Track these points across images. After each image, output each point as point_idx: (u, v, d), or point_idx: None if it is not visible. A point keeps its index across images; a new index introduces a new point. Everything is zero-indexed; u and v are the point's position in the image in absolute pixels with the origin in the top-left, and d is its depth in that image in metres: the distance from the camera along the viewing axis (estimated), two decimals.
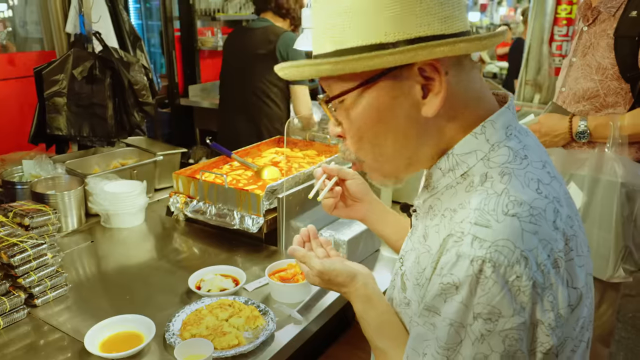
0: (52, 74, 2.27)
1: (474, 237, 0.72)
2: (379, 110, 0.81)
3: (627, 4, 1.90)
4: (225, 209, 1.93)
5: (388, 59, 0.74)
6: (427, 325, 0.77)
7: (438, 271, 0.75)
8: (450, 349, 0.74)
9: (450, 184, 0.84)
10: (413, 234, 0.95)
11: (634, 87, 1.91)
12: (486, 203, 0.75)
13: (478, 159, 0.81)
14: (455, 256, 0.73)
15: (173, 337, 1.34)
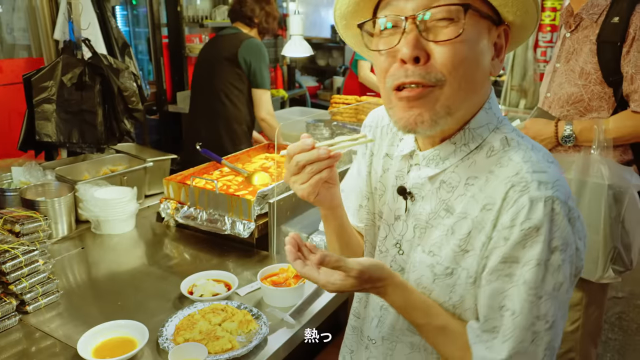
0: (41, 81, 2.27)
1: (538, 182, 0.83)
2: (480, 45, 0.86)
3: (609, 10, 1.95)
4: (217, 215, 1.93)
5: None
6: (502, 278, 0.85)
7: (506, 224, 0.83)
8: (537, 287, 0.82)
9: (464, 156, 0.92)
10: (411, 216, 0.99)
11: (617, 91, 1.95)
12: (530, 155, 0.87)
13: (490, 131, 0.92)
14: (528, 202, 0.82)
15: (166, 342, 1.34)
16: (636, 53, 1.88)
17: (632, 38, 1.88)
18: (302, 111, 4.15)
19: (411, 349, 1.03)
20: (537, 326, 0.84)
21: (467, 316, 0.94)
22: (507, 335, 0.85)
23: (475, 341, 0.90)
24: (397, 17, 0.85)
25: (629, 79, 1.90)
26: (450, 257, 0.92)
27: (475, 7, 0.84)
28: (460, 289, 0.92)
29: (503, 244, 0.84)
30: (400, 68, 0.85)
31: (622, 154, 2.03)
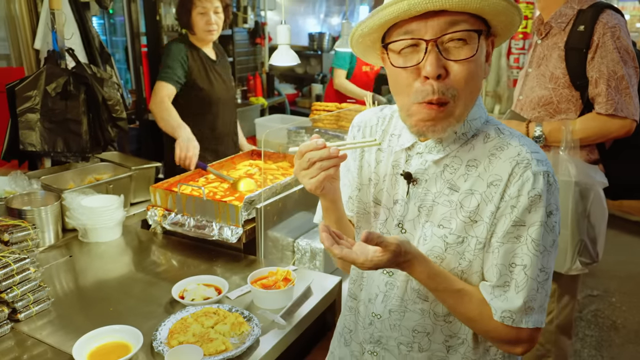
0: (25, 90, 2.27)
1: (537, 160, 1.02)
2: (483, 55, 1.03)
3: (575, 19, 2.07)
4: (204, 221, 1.96)
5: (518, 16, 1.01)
6: (512, 240, 1.02)
7: (514, 194, 1.01)
8: (540, 244, 1.01)
9: (464, 143, 1.08)
10: (414, 198, 1.12)
11: (583, 94, 2.08)
12: (524, 141, 1.06)
13: (481, 123, 1.10)
14: (532, 175, 1.00)
15: (161, 346, 1.37)
16: (600, 59, 2.00)
17: (597, 45, 2.01)
18: (283, 118, 4.19)
19: (421, 315, 1.15)
20: (540, 277, 1.03)
21: (473, 279, 1.09)
22: (520, 286, 1.03)
23: (491, 297, 1.06)
24: (418, 40, 0.99)
25: (594, 83, 2.03)
26: (461, 227, 1.07)
27: (483, 29, 1.00)
28: (470, 254, 1.07)
29: (510, 211, 1.02)
30: (425, 84, 0.99)
31: (589, 154, 2.15)
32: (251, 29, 5.97)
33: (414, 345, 1.16)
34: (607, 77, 1.99)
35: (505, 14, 0.99)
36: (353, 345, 1.29)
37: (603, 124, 2.04)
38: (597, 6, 2.05)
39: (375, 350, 1.23)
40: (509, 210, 1.02)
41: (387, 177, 1.19)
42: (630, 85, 2.00)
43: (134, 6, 4.52)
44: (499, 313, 1.04)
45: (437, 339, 1.15)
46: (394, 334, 1.18)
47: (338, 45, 3.56)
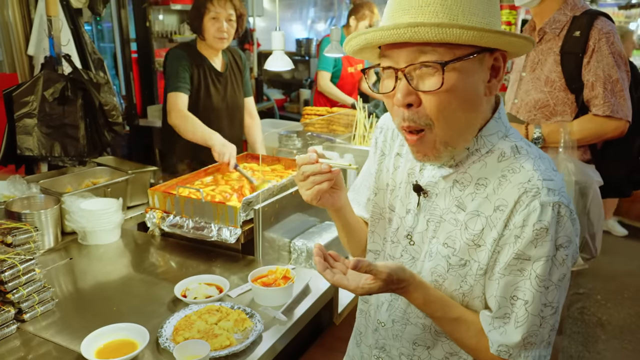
0: (23, 96, 2.30)
1: (547, 189, 0.95)
2: (469, 82, 0.95)
3: (570, 25, 2.16)
4: (203, 222, 2.00)
5: (502, 39, 0.92)
6: (514, 272, 0.98)
7: (518, 223, 0.96)
8: (546, 280, 0.96)
9: (477, 159, 1.03)
10: (424, 211, 1.11)
11: (578, 97, 2.17)
12: (539, 165, 0.99)
13: (499, 138, 1.04)
14: (539, 206, 0.94)
15: (167, 342, 1.41)
16: (595, 63, 2.09)
17: (592, 50, 2.10)
18: (274, 123, 4.23)
19: (422, 330, 1.14)
20: (544, 312, 0.98)
21: (474, 304, 1.07)
22: (520, 322, 0.99)
23: (490, 328, 1.03)
24: (390, 69, 0.97)
25: (590, 86, 2.11)
26: (464, 249, 1.04)
27: (459, 56, 0.92)
28: (471, 279, 1.04)
29: (514, 241, 0.97)
30: (398, 109, 0.98)
31: (583, 154, 2.24)
32: (240, 35, 6.01)
33: (414, 357, 1.17)
34: (603, 80, 2.08)
35: (480, 41, 0.91)
36: (363, 347, 1.32)
37: (600, 125, 2.12)
38: (590, 13, 2.14)
39: (380, 356, 1.25)
40: (512, 240, 0.97)
41: (402, 184, 1.17)
42: (624, 88, 2.10)
43: (123, 12, 4.56)
44: (495, 346, 1.02)
45: (437, 354, 1.15)
46: (396, 343, 1.20)
47: (327, 50, 3.62)
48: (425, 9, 0.91)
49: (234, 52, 3.01)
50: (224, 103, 2.88)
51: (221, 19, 2.67)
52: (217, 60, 2.87)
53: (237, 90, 2.98)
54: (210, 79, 2.81)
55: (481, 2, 0.93)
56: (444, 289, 1.07)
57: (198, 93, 2.77)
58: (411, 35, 0.89)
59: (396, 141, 1.22)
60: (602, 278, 4.07)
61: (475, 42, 0.90)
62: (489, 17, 0.94)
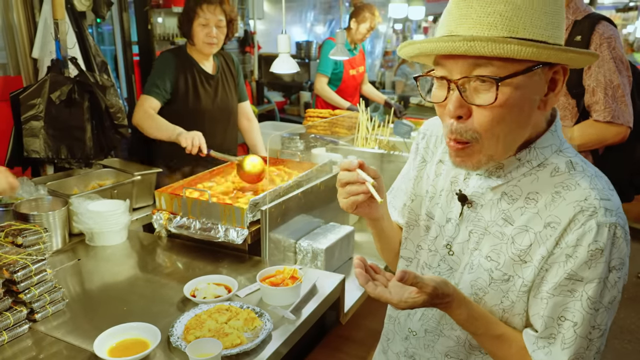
0: (29, 98, 2.31)
1: (605, 209, 0.93)
2: (524, 97, 0.92)
3: (571, 30, 2.17)
4: (210, 223, 2.02)
5: (564, 56, 0.90)
6: (565, 292, 0.96)
7: (571, 242, 0.93)
8: (597, 302, 0.94)
9: (527, 172, 1.01)
10: (467, 221, 1.09)
11: (579, 102, 2.17)
12: (596, 183, 0.97)
13: (553, 152, 1.01)
14: (595, 226, 0.92)
15: (179, 341, 1.42)
16: (597, 68, 2.09)
17: None
18: (275, 125, 4.27)
19: (456, 343, 1.13)
20: (592, 334, 0.96)
21: (514, 321, 1.05)
22: (567, 343, 0.97)
23: (534, 348, 1.01)
24: (444, 79, 0.95)
25: (591, 92, 2.11)
26: (509, 264, 1.01)
27: (515, 71, 0.89)
28: (513, 295, 1.02)
29: (565, 260, 0.95)
30: (448, 119, 0.97)
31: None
32: (240, 38, 6.05)
33: None
34: (605, 85, 2.07)
35: (539, 56, 0.87)
36: (389, 355, 1.30)
37: (601, 131, 2.12)
38: (592, 17, 2.13)
39: None
40: (563, 259, 0.95)
41: (443, 192, 1.15)
42: (625, 94, 2.09)
43: (125, 15, 4.57)
44: None
45: None
46: (427, 354, 1.18)
47: (333, 53, 3.65)
48: (484, 20, 0.89)
49: (227, 56, 3.02)
50: (214, 105, 2.88)
51: (210, 25, 2.68)
52: (208, 63, 2.87)
53: (230, 93, 2.97)
54: (199, 81, 2.80)
55: (545, 13, 0.89)
56: (484, 303, 1.05)
57: (187, 96, 2.77)
58: (466, 49, 0.87)
59: (439, 148, 1.21)
60: None
61: (534, 57, 0.88)
62: (552, 29, 0.90)
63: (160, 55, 2.83)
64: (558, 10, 0.92)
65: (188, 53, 2.82)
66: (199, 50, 2.78)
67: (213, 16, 2.67)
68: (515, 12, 0.87)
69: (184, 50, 2.83)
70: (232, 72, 3.01)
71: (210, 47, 2.74)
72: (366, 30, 4.29)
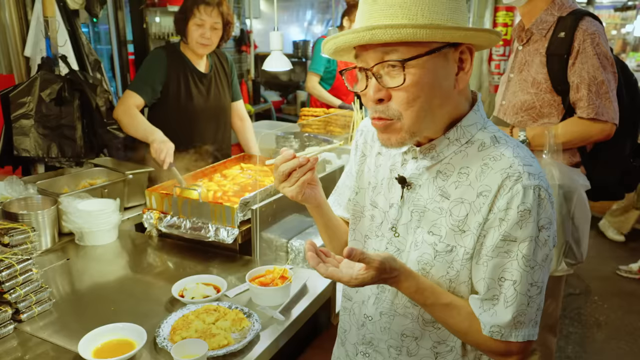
0: (19, 97, 2.29)
1: (528, 173, 1.01)
2: (434, 76, 1.01)
3: (556, 26, 2.15)
4: (200, 222, 2.00)
5: (457, 34, 0.98)
6: (502, 254, 1.03)
7: (502, 206, 1.01)
8: (531, 260, 1.02)
9: (457, 150, 1.08)
10: (407, 202, 1.14)
11: (565, 99, 2.15)
12: (518, 152, 1.04)
13: (478, 129, 1.09)
14: (522, 189, 1.00)
15: (165, 342, 1.41)
16: (580, 65, 2.07)
17: (577, 51, 2.08)
18: (271, 124, 4.25)
19: (410, 320, 1.16)
20: (531, 291, 1.03)
21: (461, 290, 1.10)
22: (509, 302, 1.03)
23: (480, 311, 1.07)
24: (362, 69, 1.04)
25: (575, 88, 2.10)
26: (450, 236, 1.08)
27: (419, 53, 0.98)
28: (457, 264, 1.08)
29: (498, 224, 1.02)
30: (371, 104, 1.05)
31: (571, 157, 2.22)
32: (237, 37, 6.03)
33: (403, 349, 1.19)
34: (588, 82, 2.05)
35: (436, 37, 0.96)
36: (347, 345, 1.32)
37: (585, 128, 2.10)
38: (576, 13, 2.12)
39: (367, 352, 1.26)
40: (497, 223, 1.02)
41: (384, 180, 1.21)
42: (610, 90, 2.06)
43: (120, 14, 4.56)
44: (487, 327, 1.06)
45: (425, 344, 1.17)
46: (384, 336, 1.21)
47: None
48: (386, 12, 0.98)
49: (220, 54, 2.98)
50: (207, 104, 2.84)
51: (206, 26, 2.65)
52: (201, 62, 2.84)
53: (222, 92, 2.94)
54: (191, 80, 2.77)
55: (441, 1, 0.98)
56: (431, 276, 1.11)
57: (178, 94, 2.74)
58: (370, 37, 0.96)
59: (377, 142, 1.24)
60: (599, 279, 4.08)
61: (432, 38, 0.96)
62: (450, 13, 0.99)
63: (152, 51, 2.79)
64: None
65: (181, 51, 2.79)
66: (192, 49, 2.75)
67: (209, 18, 2.65)
68: (413, 1, 0.97)
69: (177, 48, 2.80)
70: (226, 71, 2.97)
71: (204, 47, 2.72)
72: None
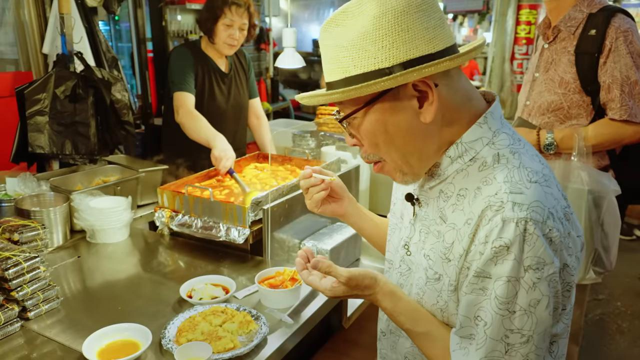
0: (34, 93, 2.30)
1: (513, 203, 0.87)
2: (385, 123, 0.96)
3: (586, 23, 2.05)
4: (211, 222, 1.97)
5: (386, 84, 0.89)
6: (477, 291, 0.91)
7: (482, 239, 0.89)
8: (509, 302, 0.87)
9: (460, 168, 0.98)
10: (419, 220, 1.07)
11: (594, 99, 2.05)
12: (512, 176, 0.91)
13: (484, 145, 0.97)
14: (500, 222, 0.87)
15: (170, 344, 1.38)
16: (612, 64, 1.97)
17: (609, 49, 1.97)
18: (287, 123, 4.20)
19: (411, 345, 1.11)
20: (510, 339, 0.89)
21: (452, 320, 1.00)
22: (480, 344, 0.92)
23: (455, 348, 0.96)
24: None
25: (606, 88, 1.99)
26: (439, 263, 1.00)
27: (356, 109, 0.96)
28: (445, 295, 0.99)
29: (478, 257, 0.90)
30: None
31: (600, 160, 2.12)
32: (256, 35, 6.01)
33: None
34: (621, 82, 1.96)
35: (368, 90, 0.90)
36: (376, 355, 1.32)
37: (616, 130, 2.00)
38: (607, 10, 2.02)
39: None
40: (477, 257, 0.90)
41: (400, 195, 1.19)
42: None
43: (140, 12, 4.57)
44: None
45: None
46: (393, 355, 1.18)
47: None
48: (328, 67, 0.97)
49: (239, 52, 2.97)
50: (228, 104, 2.85)
51: (235, 27, 2.66)
52: (222, 61, 2.84)
53: (242, 91, 2.94)
54: (214, 80, 2.78)
55: (371, 42, 0.89)
56: (424, 302, 1.04)
57: (202, 94, 2.74)
58: (315, 102, 0.99)
59: None
60: (622, 284, 3.96)
61: (361, 93, 0.91)
62: (384, 52, 0.89)
63: (175, 50, 2.78)
64: (387, 33, 0.89)
65: (202, 50, 2.78)
66: (218, 49, 2.75)
67: (239, 19, 2.65)
68: (342, 53, 0.92)
69: (198, 46, 2.79)
70: (244, 68, 2.98)
71: (231, 48, 2.73)
72: None
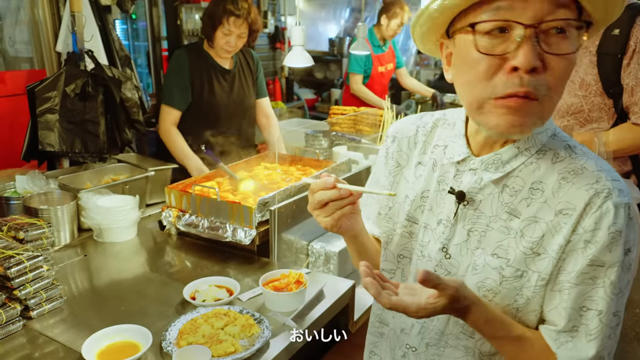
0: (45, 91, 2.30)
1: (618, 190, 0.88)
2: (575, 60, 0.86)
3: None
4: (218, 222, 1.95)
5: None
6: (587, 281, 0.89)
7: (589, 227, 0.88)
8: (617, 287, 0.88)
9: (527, 161, 0.94)
10: (462, 220, 1.00)
11: (617, 102, 1.95)
12: (601, 164, 0.92)
13: (548, 136, 0.95)
14: (613, 207, 0.87)
15: (170, 346, 1.36)
16: (636, 65, 1.88)
17: (633, 50, 1.88)
18: (300, 122, 4.19)
19: (464, 353, 1.03)
20: (613, 322, 0.90)
21: (528, 319, 0.96)
22: (593, 334, 0.90)
23: (557, 345, 0.93)
24: (513, 24, 0.80)
25: (629, 91, 1.91)
26: (520, 259, 0.94)
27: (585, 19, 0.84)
28: (529, 291, 0.94)
29: (583, 246, 0.89)
30: (511, 76, 0.82)
31: (621, 165, 2.03)
32: (271, 34, 6.01)
33: None
34: None
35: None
36: None
37: (639, 136, 1.93)
38: (632, 8, 1.91)
39: None
40: (582, 245, 0.88)
41: (430, 193, 1.06)
42: None
43: (155, 11, 4.59)
44: None
45: None
46: None
47: (354, 47, 3.53)
48: None
49: (246, 52, 3.00)
50: (230, 100, 2.87)
51: (233, 35, 2.69)
52: (224, 59, 2.87)
53: (247, 89, 2.96)
54: (214, 76, 2.81)
55: None
56: (495, 304, 0.96)
57: (201, 89, 2.79)
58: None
59: (414, 150, 1.11)
60: None
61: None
62: None
63: (174, 53, 2.84)
64: None
65: (204, 49, 2.82)
66: (216, 53, 2.81)
67: (237, 29, 2.68)
68: None
69: (200, 46, 2.84)
70: (251, 68, 2.99)
71: (228, 53, 2.79)
72: (397, 26, 4.17)
